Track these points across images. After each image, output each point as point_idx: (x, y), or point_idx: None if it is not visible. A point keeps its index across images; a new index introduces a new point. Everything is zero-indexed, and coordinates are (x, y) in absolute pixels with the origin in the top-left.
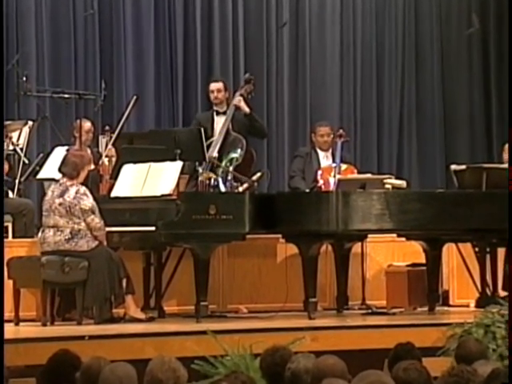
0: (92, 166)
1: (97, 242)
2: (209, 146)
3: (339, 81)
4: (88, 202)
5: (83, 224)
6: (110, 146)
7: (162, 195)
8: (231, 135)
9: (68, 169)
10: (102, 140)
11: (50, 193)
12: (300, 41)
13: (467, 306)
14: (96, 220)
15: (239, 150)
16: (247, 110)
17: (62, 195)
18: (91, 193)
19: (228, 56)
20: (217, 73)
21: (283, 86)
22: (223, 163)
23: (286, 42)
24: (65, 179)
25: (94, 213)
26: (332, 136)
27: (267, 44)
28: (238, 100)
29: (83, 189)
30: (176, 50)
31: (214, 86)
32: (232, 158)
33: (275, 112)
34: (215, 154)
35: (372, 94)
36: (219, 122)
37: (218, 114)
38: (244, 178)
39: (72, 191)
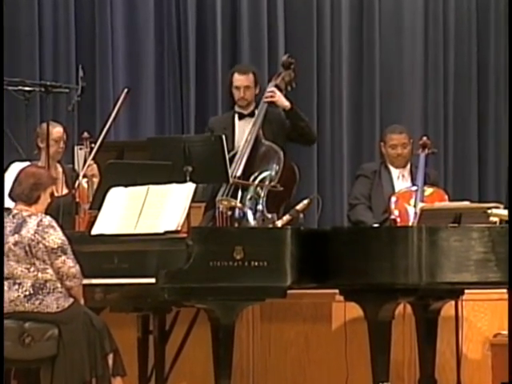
0: (65, 190)
1: (71, 300)
2: (231, 162)
3: (423, 68)
4: (56, 237)
5: (50, 271)
6: (90, 161)
7: (166, 232)
8: (262, 145)
9: (23, 192)
10: (79, 152)
11: None
12: (365, 9)
13: None
14: (69, 263)
15: (275, 166)
16: (287, 103)
17: (17, 231)
18: (61, 228)
19: (261, 31)
20: (245, 56)
21: (341, 74)
22: (252, 186)
23: (345, 10)
24: (20, 207)
25: (65, 253)
26: (410, 147)
27: (318, 14)
28: (271, 94)
29: (47, 219)
30: (186, 24)
31: (240, 79)
32: (264, 178)
33: (329, 112)
34: (240, 173)
35: (471, 86)
36: (244, 129)
37: (241, 117)
38: (283, 206)
39: (32, 223)
